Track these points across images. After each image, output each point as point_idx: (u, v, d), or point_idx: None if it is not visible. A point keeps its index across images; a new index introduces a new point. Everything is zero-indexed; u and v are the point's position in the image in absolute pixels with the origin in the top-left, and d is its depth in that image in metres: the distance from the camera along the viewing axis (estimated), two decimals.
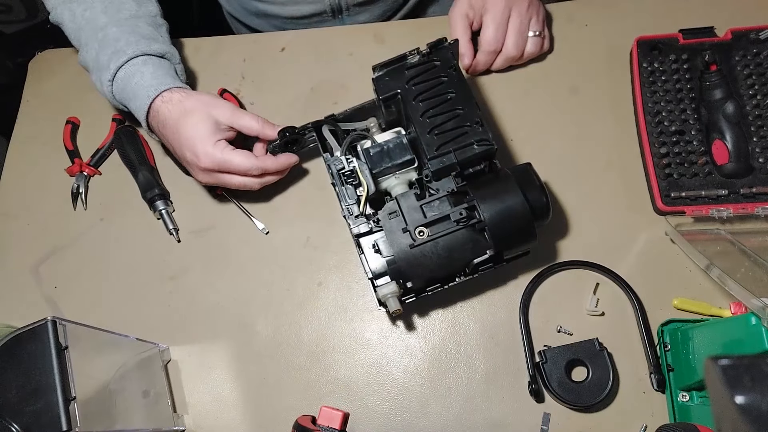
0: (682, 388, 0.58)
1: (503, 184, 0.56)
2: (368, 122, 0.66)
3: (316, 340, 0.67)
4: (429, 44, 0.61)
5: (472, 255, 0.56)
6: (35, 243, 0.75)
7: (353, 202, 0.59)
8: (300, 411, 0.63)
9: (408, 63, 0.62)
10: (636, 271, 0.65)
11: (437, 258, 0.56)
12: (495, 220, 0.54)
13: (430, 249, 0.56)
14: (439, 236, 0.55)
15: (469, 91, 0.60)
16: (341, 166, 0.61)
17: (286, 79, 0.79)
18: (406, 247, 0.55)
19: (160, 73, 0.66)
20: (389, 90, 0.61)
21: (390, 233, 0.56)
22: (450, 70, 0.61)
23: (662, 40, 0.71)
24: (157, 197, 0.73)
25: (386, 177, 0.61)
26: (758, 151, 0.64)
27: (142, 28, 0.68)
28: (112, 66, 0.66)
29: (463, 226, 0.55)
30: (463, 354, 0.64)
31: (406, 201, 0.57)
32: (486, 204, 0.55)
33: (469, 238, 0.56)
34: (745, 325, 0.49)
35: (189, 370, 0.67)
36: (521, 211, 0.55)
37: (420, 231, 0.56)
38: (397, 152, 0.60)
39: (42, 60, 0.87)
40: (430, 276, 0.57)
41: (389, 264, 0.56)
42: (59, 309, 0.71)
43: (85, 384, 0.51)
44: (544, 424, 0.61)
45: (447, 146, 0.57)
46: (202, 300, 0.70)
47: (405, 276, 0.56)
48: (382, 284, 0.56)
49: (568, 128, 0.72)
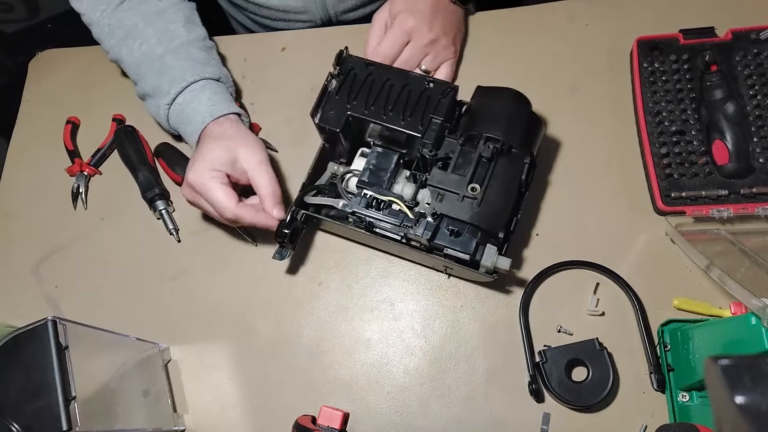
0: (682, 388, 0.58)
1: (485, 106, 0.61)
2: (330, 169, 0.66)
3: (316, 340, 0.67)
4: (334, 62, 0.63)
5: (519, 172, 0.59)
6: (35, 243, 0.75)
7: (402, 218, 0.60)
8: (300, 411, 0.63)
9: (333, 90, 0.63)
10: (636, 271, 0.65)
11: (501, 197, 0.58)
12: (510, 132, 0.58)
13: (492, 194, 0.57)
14: (488, 180, 0.57)
15: (396, 68, 0.64)
16: (365, 203, 0.61)
17: (286, 79, 0.79)
18: (474, 209, 0.57)
19: (216, 99, 0.68)
20: (340, 119, 0.61)
21: (453, 210, 0.57)
22: (369, 67, 0.63)
23: (663, 40, 0.71)
24: (157, 197, 0.73)
25: (392, 188, 0.62)
26: (759, 151, 0.64)
27: (195, 54, 0.71)
28: (173, 91, 0.68)
29: (498, 156, 0.58)
30: (463, 354, 0.64)
31: (439, 178, 0.58)
32: (493, 128, 0.58)
33: (507, 162, 0.58)
34: (745, 325, 0.49)
35: (189, 370, 0.67)
36: (517, 109, 0.60)
37: (472, 187, 0.57)
38: (383, 161, 0.62)
39: (42, 60, 0.87)
40: (506, 216, 0.58)
41: (473, 233, 0.57)
42: (59, 309, 0.71)
43: (85, 384, 0.51)
44: (544, 424, 0.61)
45: (426, 116, 0.60)
46: (202, 300, 0.70)
47: (492, 231, 0.57)
48: (482, 255, 0.56)
49: (568, 128, 0.72)
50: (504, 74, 0.76)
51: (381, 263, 0.69)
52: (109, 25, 0.72)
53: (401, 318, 0.67)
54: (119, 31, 0.71)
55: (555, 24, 0.78)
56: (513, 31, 0.78)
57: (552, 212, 0.69)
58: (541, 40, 0.77)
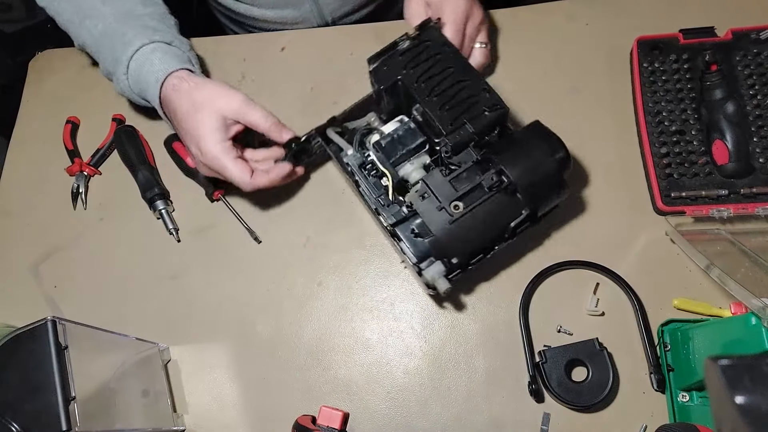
0: (682, 388, 0.58)
1: (523, 143, 0.57)
2: (368, 117, 0.66)
3: (316, 340, 0.67)
4: (416, 26, 0.62)
5: (510, 218, 0.57)
6: (35, 243, 0.75)
7: (381, 193, 0.59)
8: (300, 411, 0.63)
9: (400, 49, 0.62)
10: (636, 271, 0.65)
11: (477, 228, 0.56)
12: (524, 178, 0.55)
13: (469, 221, 0.56)
14: (475, 206, 0.56)
15: (467, 62, 0.61)
16: (360, 161, 0.61)
17: (286, 79, 0.79)
18: (445, 224, 0.56)
19: (167, 58, 0.66)
20: (389, 78, 0.61)
21: (426, 214, 0.56)
22: (444, 47, 0.61)
23: (663, 40, 0.71)
24: (157, 197, 0.73)
25: (402, 165, 0.61)
26: (758, 151, 0.64)
27: (148, 22, 0.69)
28: (124, 58, 0.66)
29: (497, 191, 0.56)
30: (463, 354, 0.64)
31: (433, 180, 0.58)
32: (512, 165, 0.55)
33: (504, 202, 0.56)
34: (745, 325, 0.49)
35: (189, 370, 0.67)
36: (548, 164, 0.55)
37: (455, 205, 0.56)
38: (408, 138, 0.61)
39: (42, 60, 0.87)
40: (472, 248, 0.57)
41: (432, 244, 0.56)
42: (59, 309, 0.71)
43: (85, 384, 0.51)
44: (544, 424, 0.61)
45: (461, 119, 0.58)
46: (202, 300, 0.70)
47: (449, 253, 0.56)
48: (427, 266, 0.56)
49: (568, 128, 0.72)
50: (504, 74, 0.76)
51: (381, 263, 0.69)
52: (69, 11, 0.71)
53: (401, 318, 0.67)
54: (78, 14, 0.70)
55: (555, 24, 0.78)
56: (513, 31, 0.78)
57: (552, 212, 0.68)
58: (540, 40, 0.77)
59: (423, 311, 0.67)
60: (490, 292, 0.66)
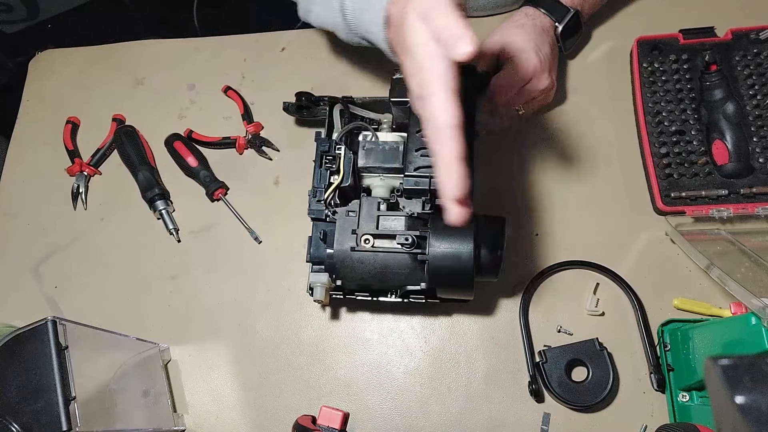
0: (682, 388, 0.58)
1: (461, 231, 0.54)
2: (383, 116, 0.66)
3: (316, 340, 0.67)
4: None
5: (406, 281, 0.57)
6: (35, 243, 0.75)
7: (322, 186, 0.60)
8: (300, 411, 0.63)
9: None
10: (636, 271, 0.65)
11: (372, 270, 0.56)
12: (438, 259, 0.53)
13: (369, 259, 0.56)
14: (380, 251, 0.55)
15: (471, 126, 0.56)
16: (326, 148, 0.61)
17: (286, 79, 0.79)
18: (347, 248, 0.56)
19: None
20: (403, 95, 0.60)
21: (340, 229, 0.57)
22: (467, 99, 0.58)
23: (662, 40, 0.71)
24: (157, 197, 0.73)
25: (371, 175, 0.61)
26: (758, 151, 0.64)
27: None
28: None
29: (406, 252, 0.55)
30: (463, 354, 0.64)
31: (367, 206, 0.58)
32: (436, 240, 0.54)
33: (408, 265, 0.56)
34: (745, 325, 0.49)
35: (189, 370, 0.67)
36: (465, 263, 0.53)
37: (366, 239, 0.56)
38: (390, 156, 0.60)
39: (42, 60, 0.87)
40: (360, 283, 0.58)
41: (327, 257, 0.57)
42: (59, 309, 0.71)
43: (85, 384, 0.51)
44: (544, 424, 0.61)
45: (427, 170, 0.55)
46: (202, 300, 0.70)
47: (338, 274, 0.57)
48: (316, 271, 0.59)
49: (568, 128, 0.72)
50: None
51: None
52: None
53: (401, 318, 0.67)
54: None
55: None
56: None
57: (552, 212, 0.69)
58: None
59: (424, 311, 0.67)
60: (490, 293, 0.66)
